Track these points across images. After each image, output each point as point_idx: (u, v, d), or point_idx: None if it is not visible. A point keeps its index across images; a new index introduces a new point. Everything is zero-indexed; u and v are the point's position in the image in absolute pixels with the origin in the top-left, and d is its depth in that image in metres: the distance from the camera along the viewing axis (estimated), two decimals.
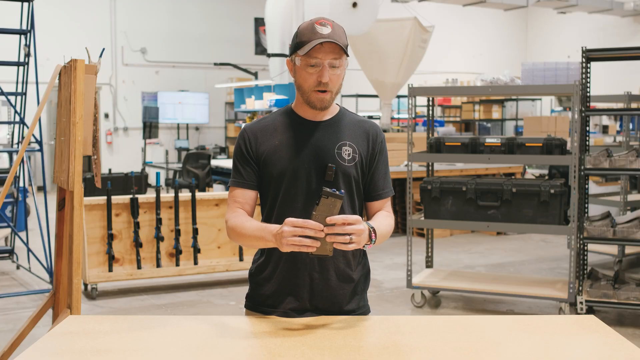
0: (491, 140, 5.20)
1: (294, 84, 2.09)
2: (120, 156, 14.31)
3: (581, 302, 4.86)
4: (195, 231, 5.75)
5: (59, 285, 3.62)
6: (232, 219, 2.06)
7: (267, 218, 2.12)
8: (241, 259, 5.93)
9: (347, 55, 2.05)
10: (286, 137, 2.09)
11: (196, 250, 5.76)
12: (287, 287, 2.09)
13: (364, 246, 1.90)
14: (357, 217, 1.84)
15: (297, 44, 2.02)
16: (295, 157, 2.06)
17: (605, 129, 14.05)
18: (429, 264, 5.84)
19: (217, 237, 5.87)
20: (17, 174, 6.35)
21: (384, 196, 2.16)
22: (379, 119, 12.80)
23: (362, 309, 2.18)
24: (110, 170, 10.20)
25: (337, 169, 2.06)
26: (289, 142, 2.08)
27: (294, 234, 1.80)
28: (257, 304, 2.15)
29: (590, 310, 4.95)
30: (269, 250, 2.11)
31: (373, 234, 1.91)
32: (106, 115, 14.31)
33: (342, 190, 1.83)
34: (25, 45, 5.70)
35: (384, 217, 2.12)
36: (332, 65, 2.00)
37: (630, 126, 8.85)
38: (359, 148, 2.11)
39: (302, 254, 2.04)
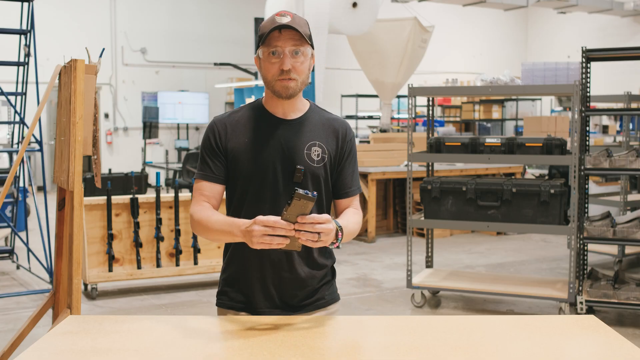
0: (491, 140, 5.20)
1: (262, 79, 2.08)
2: (120, 156, 14.32)
3: (581, 302, 4.86)
4: None
5: (59, 285, 3.62)
6: (198, 212, 2.04)
7: (233, 215, 2.11)
8: None
9: (311, 46, 2.05)
10: (255, 136, 2.08)
11: (196, 250, 5.76)
12: (257, 285, 2.10)
13: (330, 245, 1.90)
14: (327, 216, 1.84)
15: (259, 37, 2.03)
16: (264, 157, 2.06)
17: (605, 129, 14.05)
18: (429, 264, 5.84)
19: None
20: (17, 174, 6.35)
21: (352, 194, 2.16)
22: (379, 119, 12.81)
23: (331, 295, 2.19)
24: (110, 170, 10.20)
25: (306, 170, 2.06)
26: (258, 141, 2.07)
27: (265, 233, 1.79)
28: (230, 302, 2.15)
29: (590, 310, 4.95)
30: (235, 249, 2.12)
31: (340, 233, 1.91)
32: (106, 115, 14.31)
33: (315, 193, 1.80)
34: (25, 45, 5.70)
35: (352, 215, 2.11)
36: (294, 53, 2.00)
37: (630, 126, 8.85)
38: (328, 147, 2.11)
39: (270, 252, 2.04)
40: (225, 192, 2.15)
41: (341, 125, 2.16)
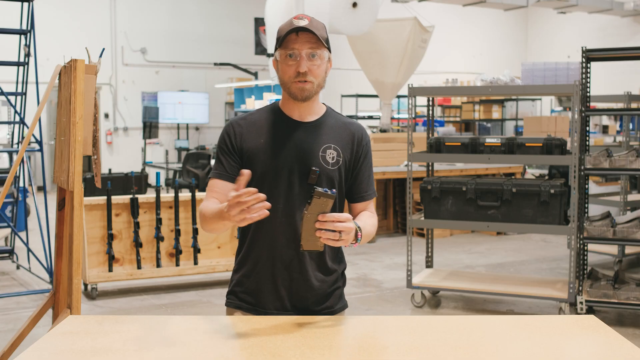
0: (491, 140, 5.20)
1: (279, 82, 2.10)
2: (120, 156, 14.32)
3: (581, 302, 4.86)
4: (195, 231, 5.75)
5: (59, 285, 3.62)
6: (202, 206, 2.06)
7: None
8: None
9: (328, 50, 2.06)
10: (271, 137, 2.09)
11: (196, 250, 5.76)
12: (267, 286, 2.11)
13: (349, 244, 1.91)
14: (347, 215, 1.86)
15: (277, 40, 2.05)
16: (279, 158, 2.07)
17: (605, 129, 14.05)
18: (429, 264, 5.84)
19: (217, 237, 5.87)
20: (17, 174, 6.35)
21: (367, 198, 2.19)
22: (379, 119, 12.80)
23: (340, 304, 2.21)
24: (110, 170, 10.19)
25: (321, 172, 2.07)
26: (274, 142, 2.08)
27: (238, 210, 1.78)
28: (238, 301, 2.16)
29: (590, 310, 4.95)
30: (247, 249, 2.13)
31: (359, 233, 1.93)
32: (106, 115, 14.31)
33: (334, 190, 1.83)
34: (25, 45, 5.70)
35: (368, 217, 2.13)
36: (310, 56, 2.01)
37: (630, 126, 8.85)
38: (343, 151, 2.12)
39: (282, 253, 2.07)
40: None
41: (357, 129, 2.17)
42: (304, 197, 2.04)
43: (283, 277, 2.09)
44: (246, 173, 1.82)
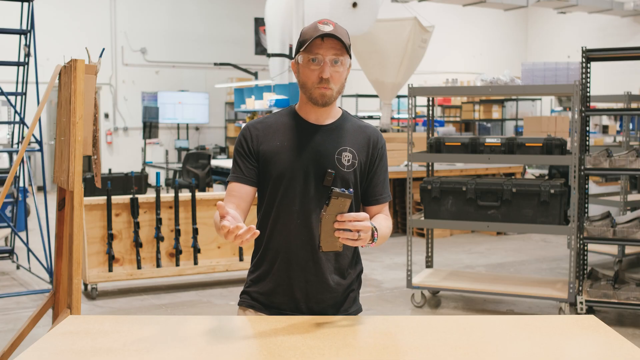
0: (491, 140, 5.20)
1: (298, 84, 2.10)
2: (120, 156, 14.32)
3: (581, 302, 4.86)
4: (195, 231, 5.75)
5: (59, 285, 3.62)
6: (216, 213, 2.04)
7: (263, 219, 2.14)
8: (241, 259, 5.93)
9: (350, 57, 2.07)
10: (287, 139, 2.10)
11: (196, 250, 5.76)
12: (282, 288, 2.11)
13: (366, 244, 1.92)
14: (365, 214, 1.86)
15: (300, 43, 2.05)
16: (295, 160, 2.07)
17: (605, 129, 14.05)
18: (429, 264, 5.84)
19: (217, 237, 5.87)
20: (17, 174, 6.35)
21: (382, 201, 2.19)
22: (379, 119, 12.80)
23: (355, 307, 2.22)
24: (110, 170, 10.20)
25: (336, 174, 2.07)
26: (290, 144, 2.09)
27: (235, 238, 1.77)
28: (251, 301, 2.16)
29: (590, 310, 4.95)
30: (264, 250, 2.14)
31: (375, 233, 1.93)
32: (106, 115, 14.31)
33: (351, 190, 1.84)
34: (25, 45, 5.70)
35: (383, 219, 2.14)
36: (333, 62, 2.02)
37: (630, 126, 8.85)
38: (358, 154, 2.12)
39: (297, 254, 2.07)
40: (257, 195, 2.17)
41: (373, 132, 2.18)
42: (319, 199, 2.05)
43: (299, 279, 2.09)
44: (221, 205, 1.80)
